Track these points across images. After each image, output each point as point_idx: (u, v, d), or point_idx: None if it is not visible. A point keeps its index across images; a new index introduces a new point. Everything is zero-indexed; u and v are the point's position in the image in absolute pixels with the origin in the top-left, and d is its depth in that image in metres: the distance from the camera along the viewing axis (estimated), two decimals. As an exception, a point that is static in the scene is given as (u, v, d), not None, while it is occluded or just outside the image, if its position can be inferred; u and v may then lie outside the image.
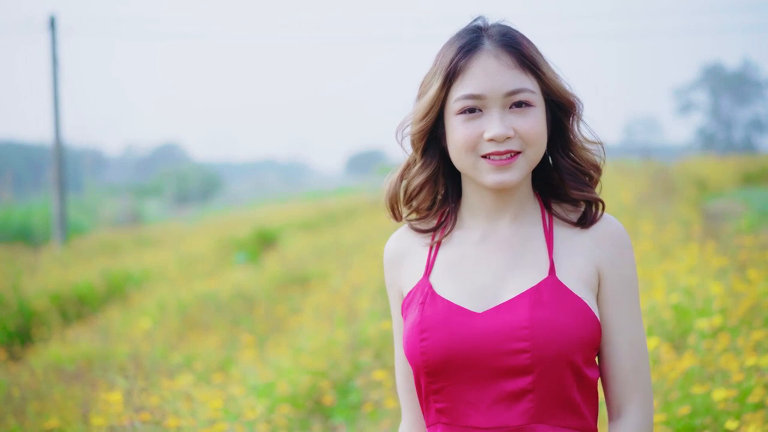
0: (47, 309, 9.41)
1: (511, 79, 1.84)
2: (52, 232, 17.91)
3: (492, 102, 1.84)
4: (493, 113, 1.83)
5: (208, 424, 4.14)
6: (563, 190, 1.97)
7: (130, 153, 70.44)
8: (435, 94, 1.87)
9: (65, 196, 18.39)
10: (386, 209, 2.03)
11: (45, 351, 7.88)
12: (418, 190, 1.98)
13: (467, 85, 1.84)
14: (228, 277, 11.04)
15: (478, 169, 1.86)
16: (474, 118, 1.85)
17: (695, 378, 4.12)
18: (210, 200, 41.95)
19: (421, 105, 1.90)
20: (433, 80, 1.90)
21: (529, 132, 1.84)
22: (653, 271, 7.27)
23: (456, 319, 1.85)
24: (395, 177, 2.02)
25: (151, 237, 17.51)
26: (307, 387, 5.73)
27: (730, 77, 61.29)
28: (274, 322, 8.49)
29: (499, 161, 1.83)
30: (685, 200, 14.75)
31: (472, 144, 1.84)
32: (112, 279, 11.35)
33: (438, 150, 1.95)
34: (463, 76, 1.85)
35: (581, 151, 1.95)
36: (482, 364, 1.82)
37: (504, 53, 1.85)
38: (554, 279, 1.86)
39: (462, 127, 1.85)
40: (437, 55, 1.92)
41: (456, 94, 1.85)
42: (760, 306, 5.21)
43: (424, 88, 1.93)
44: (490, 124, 1.83)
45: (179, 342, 8.10)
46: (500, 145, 1.83)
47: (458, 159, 1.88)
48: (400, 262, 2.00)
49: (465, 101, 1.84)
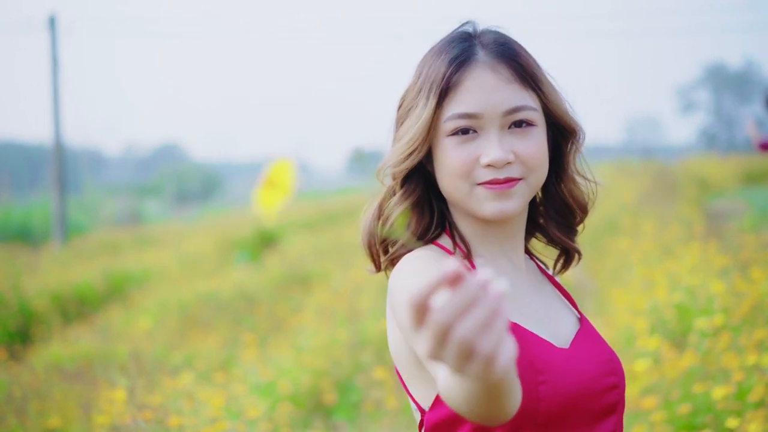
0: (47, 309, 9.41)
1: (510, 95, 1.59)
2: (52, 232, 17.91)
3: (489, 122, 1.58)
4: (490, 134, 1.58)
5: (209, 423, 4.14)
6: (543, 227, 1.77)
7: (130, 153, 70.50)
8: (428, 117, 1.59)
9: (65, 196, 18.39)
10: (365, 253, 1.72)
11: (45, 351, 7.88)
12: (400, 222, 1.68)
13: (461, 103, 1.58)
14: (229, 277, 11.04)
15: (473, 198, 1.60)
16: (468, 140, 1.59)
17: (696, 377, 4.12)
18: (210, 200, 41.97)
19: (412, 133, 1.61)
20: (419, 98, 1.62)
21: (532, 156, 1.59)
22: (655, 270, 7.27)
23: (561, 356, 1.57)
24: (372, 211, 1.71)
25: (151, 237, 17.51)
26: (308, 386, 5.73)
27: (733, 77, 61.34)
28: (276, 322, 8.49)
29: (498, 188, 1.58)
30: (687, 200, 14.75)
31: (467, 170, 1.58)
32: (113, 279, 11.35)
33: (422, 176, 1.67)
34: (456, 92, 1.58)
35: (572, 185, 1.72)
36: (587, 407, 1.57)
37: (501, 65, 1.60)
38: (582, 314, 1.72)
39: (455, 151, 1.59)
40: (421, 67, 1.65)
41: (448, 112, 1.59)
42: (762, 305, 5.22)
43: (407, 106, 1.65)
44: (487, 148, 1.57)
45: (180, 341, 8.09)
46: (499, 172, 1.57)
47: (450, 187, 1.62)
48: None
49: (458, 121, 1.58)
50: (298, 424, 5.17)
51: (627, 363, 4.78)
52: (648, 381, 4.35)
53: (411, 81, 1.67)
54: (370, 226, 1.70)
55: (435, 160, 1.64)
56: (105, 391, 5.30)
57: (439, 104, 1.59)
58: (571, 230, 1.77)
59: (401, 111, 1.67)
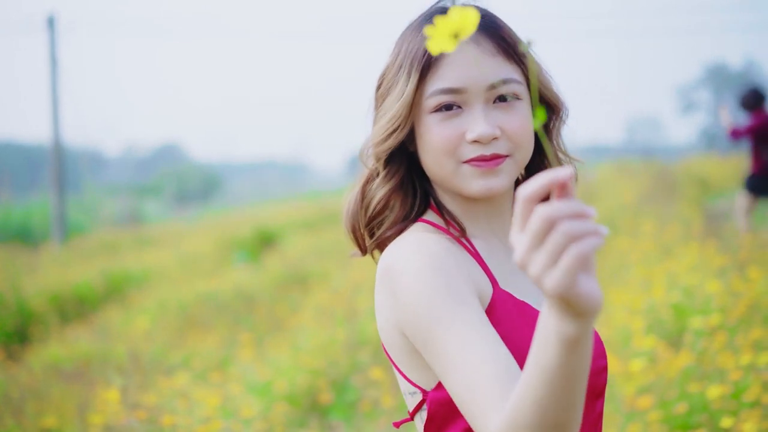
0: (46, 309, 9.40)
1: (495, 68, 1.53)
2: (51, 232, 17.90)
3: (473, 96, 1.53)
4: (475, 110, 1.53)
5: (204, 423, 4.13)
6: None
7: (130, 153, 70.53)
8: (410, 94, 1.54)
9: (64, 196, 18.38)
10: (348, 237, 1.68)
11: (43, 351, 7.87)
12: (384, 203, 1.63)
13: (443, 78, 1.53)
14: (228, 277, 11.03)
15: (459, 176, 1.55)
16: (452, 116, 1.54)
17: (692, 376, 4.11)
18: (210, 200, 41.98)
19: (394, 111, 1.56)
20: (399, 75, 1.57)
21: (519, 131, 1.54)
22: (654, 270, 7.27)
23: None
24: (355, 195, 1.67)
25: (150, 237, 17.50)
26: (305, 386, 5.72)
27: (734, 77, 61.31)
28: (274, 322, 8.49)
29: (486, 165, 1.53)
30: (687, 200, 14.74)
31: (452, 147, 1.53)
32: (112, 279, 11.34)
33: (405, 155, 1.63)
34: (438, 67, 1.53)
35: (555, 161, 1.66)
36: (588, 389, 1.52)
37: (484, 38, 1.54)
38: None
39: (439, 128, 1.54)
40: (400, 44, 1.60)
41: (430, 88, 1.54)
42: (759, 304, 5.21)
43: (388, 85, 1.60)
44: (472, 123, 1.52)
45: (179, 341, 8.09)
46: (485, 148, 1.52)
47: (434, 165, 1.57)
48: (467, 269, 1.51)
49: (441, 96, 1.53)
50: (294, 423, 5.16)
51: (623, 362, 4.78)
52: (644, 381, 4.35)
53: (389, 59, 1.62)
54: (353, 209, 1.66)
55: (418, 139, 1.59)
56: (102, 392, 5.29)
57: (421, 80, 1.54)
58: None
59: (381, 90, 1.62)
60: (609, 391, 4.46)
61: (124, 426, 3.92)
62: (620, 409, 4.17)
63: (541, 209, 1.02)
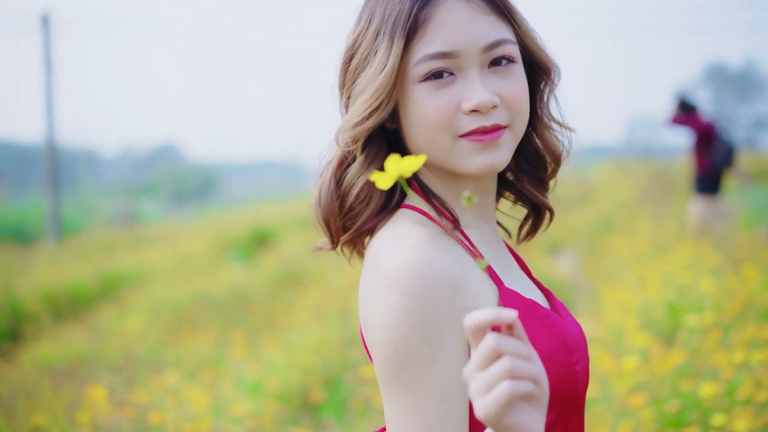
0: (39, 308, 9.36)
1: (489, 28, 1.36)
2: (45, 231, 17.85)
3: (467, 60, 1.35)
4: (470, 75, 1.35)
5: (192, 421, 4.10)
6: (511, 182, 1.56)
7: (128, 153, 70.49)
8: (395, 62, 1.35)
9: (60, 195, 18.33)
10: (321, 228, 1.48)
11: (36, 350, 7.84)
12: (366, 192, 1.42)
13: (433, 41, 1.34)
14: (223, 276, 11.00)
15: (456, 153, 1.37)
16: (444, 85, 1.35)
17: (685, 374, 4.08)
18: (207, 200, 41.95)
19: (377, 84, 1.36)
20: (378, 43, 1.37)
21: (517, 97, 1.37)
22: (649, 268, 7.24)
23: (577, 331, 1.42)
24: (327, 182, 1.46)
25: (147, 236, 17.46)
26: (297, 384, 5.69)
27: (733, 76, 61.30)
28: (269, 321, 8.46)
29: (487, 138, 1.35)
30: (684, 198, 14.73)
31: (448, 120, 1.35)
32: (106, 278, 11.29)
33: (384, 135, 1.44)
34: (425, 30, 1.35)
35: (546, 131, 1.50)
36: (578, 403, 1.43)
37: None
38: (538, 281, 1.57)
39: (430, 99, 1.35)
40: (372, 8, 1.41)
41: (417, 54, 1.35)
42: (753, 302, 5.18)
43: (363, 55, 1.40)
44: (469, 91, 1.34)
45: (173, 341, 8.05)
46: (485, 118, 1.34)
47: (426, 143, 1.37)
48: (468, 281, 1.31)
49: (432, 62, 1.34)
50: (286, 421, 5.13)
51: (616, 360, 4.74)
52: (637, 378, 4.31)
53: (359, 26, 1.42)
54: (327, 198, 1.44)
55: (402, 114, 1.40)
56: (93, 391, 5.26)
57: (406, 46, 1.35)
58: (543, 184, 1.55)
59: (355, 62, 1.41)
60: (602, 390, 4.43)
61: (112, 424, 3.88)
62: (612, 407, 4.13)
63: (492, 339, 1.02)
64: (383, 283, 1.29)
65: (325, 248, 1.52)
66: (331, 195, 1.44)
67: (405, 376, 1.25)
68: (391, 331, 1.26)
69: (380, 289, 1.29)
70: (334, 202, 1.44)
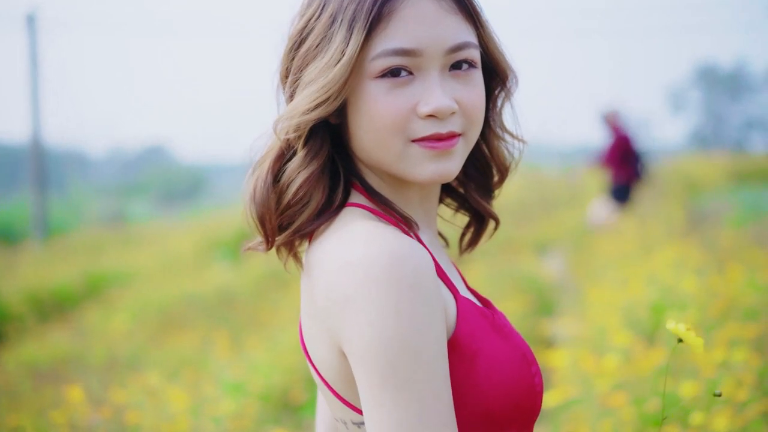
0: (23, 308, 9.30)
1: (455, 29, 1.28)
2: (30, 231, 17.76)
3: (429, 61, 1.26)
4: (429, 77, 1.27)
5: (171, 421, 4.07)
6: (454, 189, 1.50)
7: (117, 153, 70.33)
8: (352, 54, 1.25)
9: (46, 195, 18.24)
10: (255, 227, 1.38)
11: (20, 350, 7.79)
12: (306, 190, 1.32)
13: (395, 36, 1.25)
14: (209, 276, 10.97)
15: (406, 159, 1.28)
16: (401, 84, 1.26)
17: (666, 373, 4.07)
18: (196, 200, 41.86)
19: (331, 76, 1.26)
20: (334, 31, 1.27)
21: (475, 105, 1.30)
22: (634, 268, 7.24)
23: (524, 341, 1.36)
24: (264, 176, 1.35)
25: (135, 236, 17.40)
26: (279, 384, 5.67)
27: (724, 76, 61.46)
28: (254, 320, 8.44)
29: (441, 146, 1.27)
30: (672, 198, 14.74)
31: (401, 123, 1.26)
32: (92, 278, 11.25)
33: (327, 131, 1.35)
34: (388, 23, 1.26)
35: (497, 141, 1.44)
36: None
37: None
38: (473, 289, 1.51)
39: (385, 98, 1.26)
40: None
41: (377, 48, 1.26)
42: (736, 302, 5.18)
43: (316, 42, 1.29)
44: (427, 94, 1.26)
45: (158, 341, 8.02)
46: (442, 125, 1.26)
47: (375, 144, 1.29)
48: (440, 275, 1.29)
49: (391, 59, 1.25)
50: (267, 421, 5.10)
51: (598, 359, 4.73)
52: (619, 377, 4.30)
53: (311, 9, 1.32)
54: (262, 194, 1.34)
55: (351, 111, 1.30)
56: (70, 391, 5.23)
57: (366, 38, 1.25)
58: (489, 193, 1.50)
59: (305, 49, 1.31)
60: (582, 388, 4.42)
61: (89, 424, 3.85)
62: (593, 406, 4.12)
63: None
64: (359, 280, 1.18)
65: (259, 249, 1.43)
66: (268, 190, 1.34)
67: (400, 374, 1.15)
68: (381, 325, 1.16)
69: (358, 288, 1.18)
70: (271, 198, 1.34)
